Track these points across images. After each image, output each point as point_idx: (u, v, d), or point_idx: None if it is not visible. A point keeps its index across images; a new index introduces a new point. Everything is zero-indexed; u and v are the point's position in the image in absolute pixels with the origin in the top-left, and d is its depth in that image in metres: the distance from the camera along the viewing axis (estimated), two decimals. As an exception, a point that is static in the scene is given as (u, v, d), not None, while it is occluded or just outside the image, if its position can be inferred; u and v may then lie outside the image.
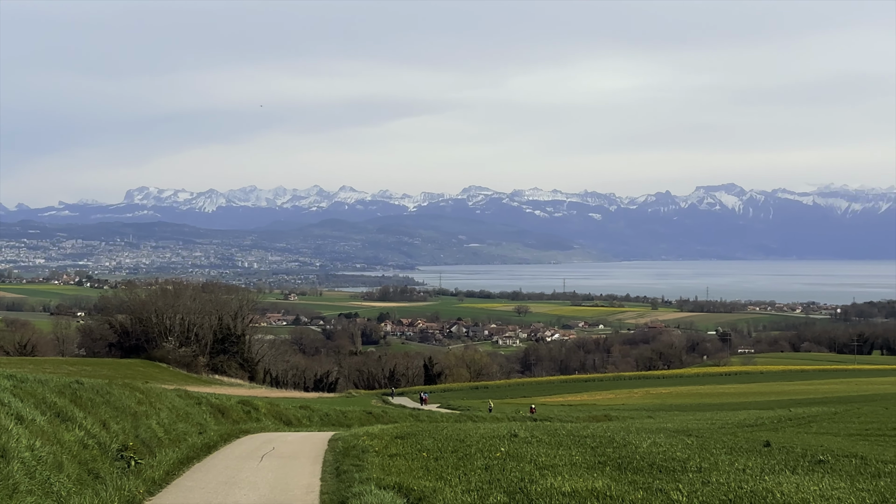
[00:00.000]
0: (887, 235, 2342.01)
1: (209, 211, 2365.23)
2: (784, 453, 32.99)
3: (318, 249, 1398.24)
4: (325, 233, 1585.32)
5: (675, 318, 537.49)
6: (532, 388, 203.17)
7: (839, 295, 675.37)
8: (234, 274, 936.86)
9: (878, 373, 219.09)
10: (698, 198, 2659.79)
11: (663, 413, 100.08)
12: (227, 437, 39.04)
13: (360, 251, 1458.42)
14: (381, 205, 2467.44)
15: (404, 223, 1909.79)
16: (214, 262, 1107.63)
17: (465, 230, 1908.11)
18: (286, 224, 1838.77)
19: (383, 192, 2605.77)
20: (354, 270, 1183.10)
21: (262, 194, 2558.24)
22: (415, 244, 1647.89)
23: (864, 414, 70.19)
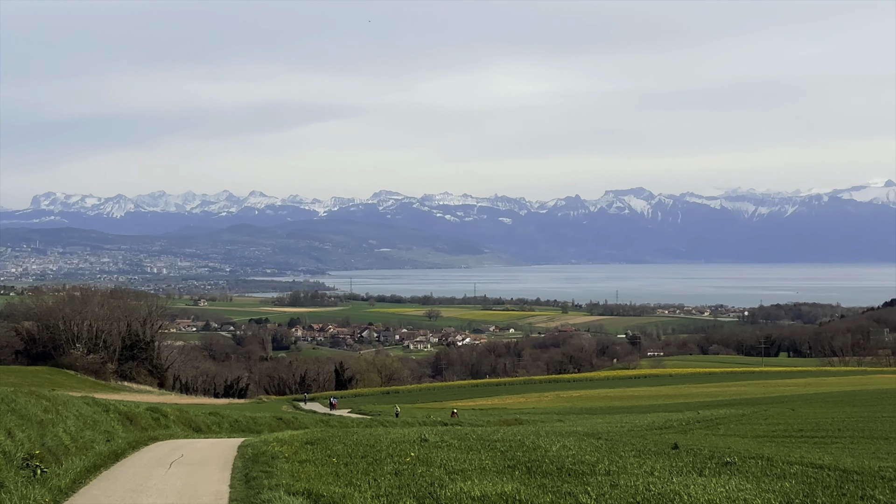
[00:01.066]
0: (793, 238, 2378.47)
1: (118, 216, 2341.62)
2: (692, 455, 33.31)
3: (229, 255, 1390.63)
4: (236, 238, 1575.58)
5: (586, 322, 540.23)
6: (443, 393, 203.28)
7: (747, 298, 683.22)
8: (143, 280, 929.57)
9: (785, 374, 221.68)
10: (608, 202, 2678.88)
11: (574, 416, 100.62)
12: (136, 445, 38.66)
13: (271, 256, 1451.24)
14: (292, 210, 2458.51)
15: (315, 228, 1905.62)
16: (123, 269, 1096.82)
17: (375, 235, 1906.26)
18: (196, 229, 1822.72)
19: (293, 197, 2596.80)
20: (265, 276, 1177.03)
21: (172, 200, 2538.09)
22: (325, 249, 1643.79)
23: (770, 415, 71.05)
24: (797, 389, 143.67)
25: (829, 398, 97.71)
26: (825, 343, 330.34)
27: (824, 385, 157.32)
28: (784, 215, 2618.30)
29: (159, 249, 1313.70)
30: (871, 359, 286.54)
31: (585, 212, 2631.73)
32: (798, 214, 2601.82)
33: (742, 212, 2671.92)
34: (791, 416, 69.46)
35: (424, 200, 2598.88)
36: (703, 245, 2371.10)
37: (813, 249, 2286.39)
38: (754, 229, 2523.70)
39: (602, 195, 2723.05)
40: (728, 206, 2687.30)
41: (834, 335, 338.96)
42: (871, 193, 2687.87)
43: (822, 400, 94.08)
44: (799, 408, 79.64)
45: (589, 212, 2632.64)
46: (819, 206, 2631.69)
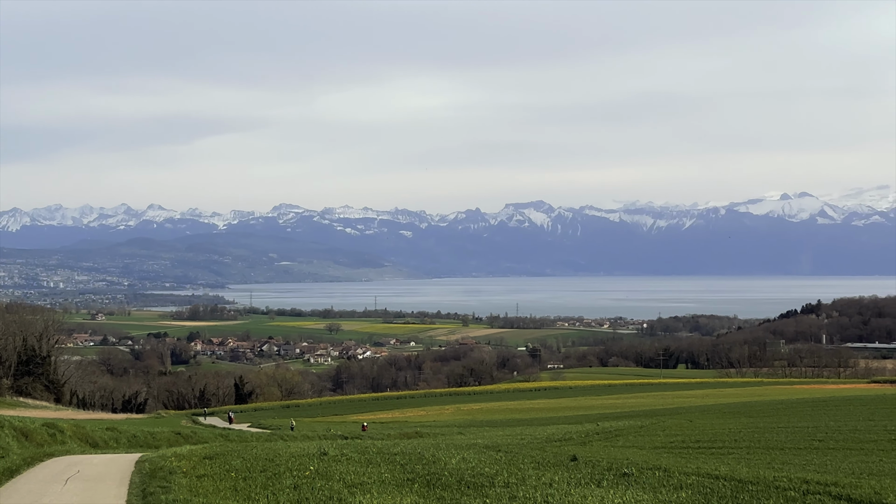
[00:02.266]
0: (691, 251, 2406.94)
1: (13, 230, 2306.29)
2: (590, 467, 33.52)
3: (127, 269, 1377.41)
4: (134, 252, 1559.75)
5: (486, 335, 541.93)
6: (344, 407, 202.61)
7: (645, 310, 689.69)
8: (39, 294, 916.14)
9: (683, 386, 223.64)
10: (508, 215, 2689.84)
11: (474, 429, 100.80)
12: (31, 461, 38.11)
13: (170, 270, 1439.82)
14: (191, 223, 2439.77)
15: (214, 242, 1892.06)
16: (19, 283, 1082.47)
17: (276, 248, 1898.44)
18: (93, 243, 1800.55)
19: (193, 210, 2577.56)
20: (164, 290, 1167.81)
21: (69, 213, 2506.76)
22: (225, 263, 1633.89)
23: (668, 427, 71.69)
24: (695, 401, 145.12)
25: (726, 409, 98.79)
26: (723, 355, 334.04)
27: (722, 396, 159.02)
28: (682, 228, 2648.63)
29: (56, 263, 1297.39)
30: (767, 370, 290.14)
31: (486, 225, 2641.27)
32: (696, 227, 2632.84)
33: (641, 225, 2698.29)
34: (689, 428, 70.16)
35: (325, 214, 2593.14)
36: (603, 258, 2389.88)
37: (711, 262, 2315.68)
38: (653, 242, 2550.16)
39: (502, 208, 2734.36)
40: (627, 219, 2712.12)
41: (731, 347, 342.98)
42: (766, 206, 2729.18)
43: (720, 411, 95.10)
44: (696, 419, 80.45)
45: (489, 225, 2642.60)
46: (716, 219, 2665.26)
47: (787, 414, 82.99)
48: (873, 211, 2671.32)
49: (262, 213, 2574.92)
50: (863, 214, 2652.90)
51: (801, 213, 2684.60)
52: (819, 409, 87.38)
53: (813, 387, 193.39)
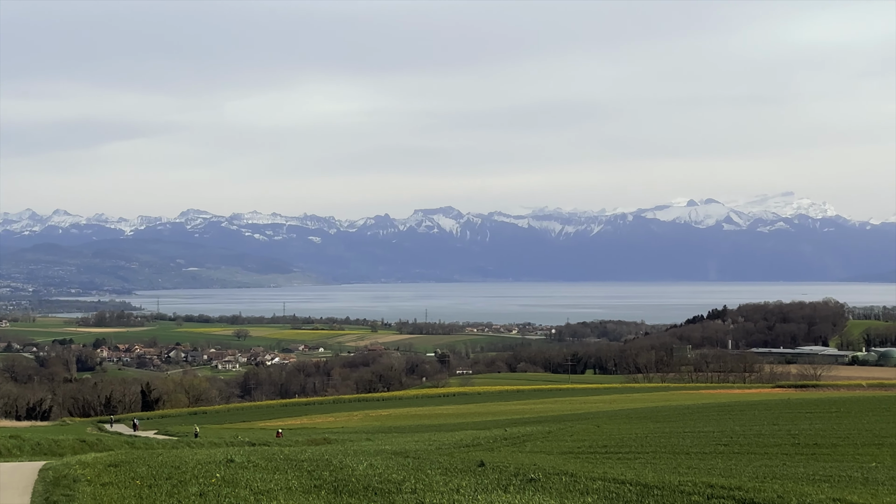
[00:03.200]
0: (599, 257, 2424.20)
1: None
2: (498, 472, 33.59)
3: (31, 275, 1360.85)
4: (39, 257, 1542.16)
5: (395, 341, 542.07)
6: (252, 413, 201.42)
7: (554, 315, 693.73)
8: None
9: (591, 391, 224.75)
10: (417, 221, 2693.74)
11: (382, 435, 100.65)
12: (-70, 471, 37.50)
13: (76, 276, 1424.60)
14: (97, 229, 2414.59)
15: (121, 247, 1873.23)
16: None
17: (183, 254, 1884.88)
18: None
19: (99, 216, 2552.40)
20: (69, 296, 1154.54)
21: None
22: (132, 269, 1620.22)
23: (576, 432, 72.11)
24: (602, 406, 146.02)
25: (633, 414, 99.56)
26: (630, 360, 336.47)
27: (629, 402, 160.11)
28: (590, 234, 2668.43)
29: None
30: (674, 375, 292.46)
31: (395, 231, 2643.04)
32: (604, 233, 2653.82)
33: (549, 231, 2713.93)
34: (596, 433, 70.60)
35: (233, 219, 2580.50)
36: (512, 264, 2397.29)
37: (618, 268, 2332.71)
38: (561, 248, 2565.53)
39: (412, 214, 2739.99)
40: (535, 225, 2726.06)
41: (638, 352, 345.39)
42: (673, 213, 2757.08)
43: (627, 416, 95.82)
44: (604, 424, 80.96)
45: (398, 231, 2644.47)
46: (624, 225, 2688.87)
47: (693, 419, 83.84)
48: (778, 217, 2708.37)
49: (170, 219, 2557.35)
50: (768, 221, 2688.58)
51: (708, 219, 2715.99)
52: (724, 414, 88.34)
53: (719, 392, 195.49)
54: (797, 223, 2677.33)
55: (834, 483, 34.70)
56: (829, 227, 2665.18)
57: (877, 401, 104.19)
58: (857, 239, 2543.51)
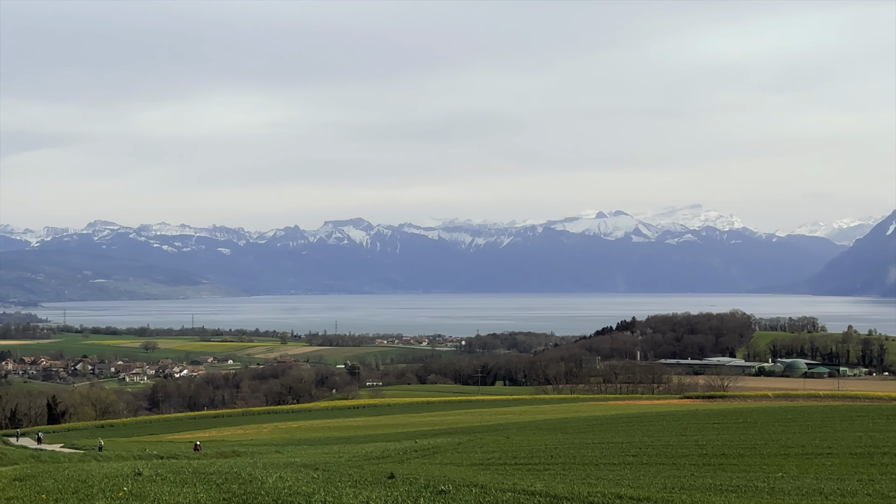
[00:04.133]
0: (509, 269, 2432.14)
1: None
2: (408, 484, 33.51)
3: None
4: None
5: (305, 352, 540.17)
6: (160, 426, 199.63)
7: (464, 327, 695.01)
8: None
9: (501, 403, 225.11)
10: (327, 232, 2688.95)
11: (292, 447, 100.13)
12: None
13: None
14: (2, 240, 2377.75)
15: (26, 259, 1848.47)
16: None
17: (90, 266, 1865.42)
18: None
19: (4, 226, 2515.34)
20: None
21: None
22: (38, 280, 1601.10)
23: (486, 444, 72.18)
24: (512, 417, 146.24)
25: (542, 426, 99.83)
26: (540, 371, 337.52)
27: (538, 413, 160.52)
28: (500, 246, 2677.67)
29: None
30: (583, 386, 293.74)
31: (305, 242, 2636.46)
32: (513, 245, 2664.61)
33: (459, 242, 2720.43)
34: (506, 444, 70.72)
35: (141, 230, 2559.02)
36: (422, 275, 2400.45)
37: (528, 279, 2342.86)
38: (471, 260, 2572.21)
39: (321, 226, 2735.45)
40: (446, 237, 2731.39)
41: (548, 364, 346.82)
42: (583, 225, 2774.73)
43: (537, 427, 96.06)
44: (514, 435, 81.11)
45: (308, 242, 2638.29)
46: (534, 236, 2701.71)
47: (603, 430, 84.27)
48: (686, 229, 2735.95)
49: (77, 230, 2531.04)
50: (676, 233, 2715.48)
51: (617, 231, 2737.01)
52: (633, 425, 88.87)
53: (627, 403, 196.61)
54: (705, 235, 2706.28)
55: (741, 493, 35.04)
56: (736, 240, 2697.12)
57: (782, 411, 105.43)
58: (763, 251, 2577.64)
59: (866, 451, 53.89)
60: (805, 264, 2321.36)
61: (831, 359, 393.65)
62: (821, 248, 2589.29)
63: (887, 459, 50.11)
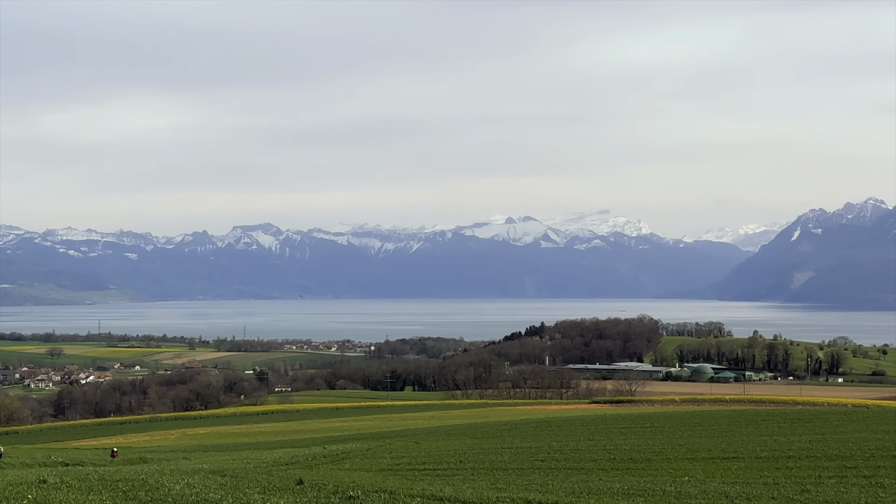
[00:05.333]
0: (419, 274, 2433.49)
1: None
2: (316, 490, 33.44)
3: None
4: None
5: (214, 358, 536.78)
6: (66, 432, 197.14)
7: (373, 333, 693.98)
8: None
9: (410, 408, 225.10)
10: (236, 237, 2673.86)
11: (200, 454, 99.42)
12: None
13: None
14: None
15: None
16: None
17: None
18: None
19: None
20: None
21: None
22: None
23: (395, 449, 72.13)
24: (421, 423, 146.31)
25: (451, 431, 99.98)
26: (449, 376, 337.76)
27: (447, 418, 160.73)
28: (409, 251, 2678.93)
29: None
30: (492, 391, 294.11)
31: (213, 247, 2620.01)
32: (423, 250, 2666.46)
33: (369, 248, 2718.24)
34: (415, 449, 70.71)
35: (47, 235, 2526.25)
36: (331, 280, 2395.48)
37: (438, 285, 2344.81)
38: (381, 265, 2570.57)
39: (230, 231, 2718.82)
40: (355, 242, 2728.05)
41: (457, 369, 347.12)
42: (492, 230, 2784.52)
43: (446, 433, 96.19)
44: (423, 441, 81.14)
45: (217, 247, 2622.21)
46: (443, 242, 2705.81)
47: (511, 435, 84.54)
48: (594, 235, 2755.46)
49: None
50: (584, 238, 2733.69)
51: (526, 236, 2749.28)
52: (542, 430, 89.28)
53: (536, 408, 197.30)
54: (613, 241, 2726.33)
55: (648, 497, 35.33)
56: (643, 245, 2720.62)
57: (689, 416, 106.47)
58: (670, 256, 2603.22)
59: (771, 455, 54.57)
60: (712, 270, 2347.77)
61: (737, 363, 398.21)
62: (727, 253, 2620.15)
63: (791, 463, 50.78)
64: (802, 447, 58.32)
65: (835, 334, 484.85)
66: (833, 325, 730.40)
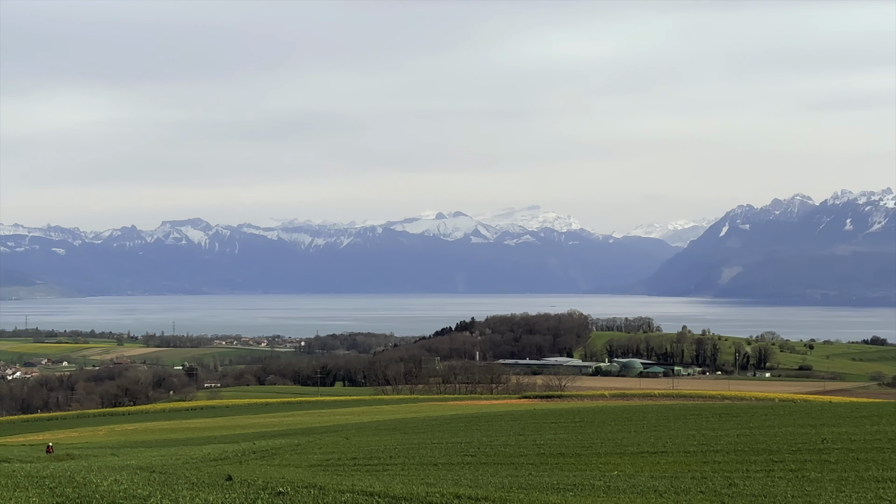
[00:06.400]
0: (349, 269, 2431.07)
1: None
2: (245, 486, 33.32)
3: None
4: None
5: (142, 354, 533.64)
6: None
7: (304, 328, 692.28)
8: None
9: (341, 404, 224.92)
10: (164, 232, 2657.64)
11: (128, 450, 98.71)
12: None
13: None
14: None
15: None
16: None
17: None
18: None
19: None
20: None
21: None
22: None
23: (325, 445, 72.04)
24: (352, 418, 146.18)
25: (382, 426, 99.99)
26: (379, 372, 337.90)
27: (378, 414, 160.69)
28: (340, 247, 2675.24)
29: None
30: (422, 387, 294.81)
31: (142, 242, 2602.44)
32: (353, 246, 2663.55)
33: (299, 243, 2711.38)
34: (345, 445, 70.67)
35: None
36: (261, 276, 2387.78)
37: (369, 280, 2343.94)
38: (311, 261, 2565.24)
39: (159, 226, 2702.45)
40: (285, 238, 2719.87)
41: (387, 364, 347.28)
42: (422, 226, 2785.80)
43: (376, 428, 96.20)
44: (353, 436, 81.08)
45: (146, 242, 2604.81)
46: (374, 237, 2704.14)
47: (441, 430, 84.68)
48: (525, 230, 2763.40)
49: None
50: (514, 234, 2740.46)
51: (456, 232, 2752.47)
52: (472, 425, 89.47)
53: (466, 403, 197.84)
54: (543, 236, 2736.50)
55: (578, 492, 35.51)
56: (573, 241, 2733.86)
57: (618, 410, 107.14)
58: (600, 252, 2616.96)
59: (699, 449, 55.00)
60: (641, 265, 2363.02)
61: (666, 358, 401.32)
62: (656, 249, 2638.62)
63: (719, 457, 51.21)
64: (730, 441, 58.81)
65: (762, 329, 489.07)
66: (760, 321, 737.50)
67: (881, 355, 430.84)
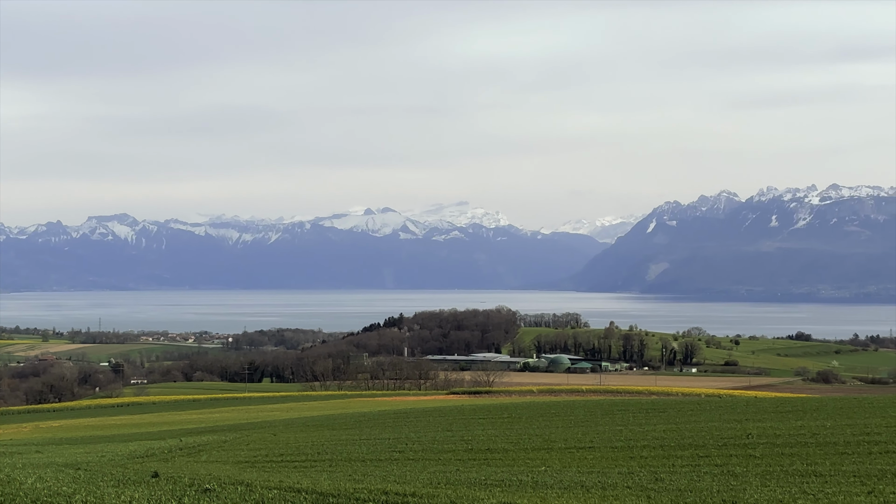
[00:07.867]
0: (277, 265, 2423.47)
1: None
2: (172, 483, 33.13)
3: None
4: None
5: (68, 350, 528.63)
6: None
7: (231, 324, 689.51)
8: None
9: (268, 400, 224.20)
10: (90, 228, 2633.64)
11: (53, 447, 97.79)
12: None
13: None
14: None
15: None
16: None
17: None
18: None
19: None
20: None
21: None
22: None
23: (252, 441, 71.80)
24: (280, 415, 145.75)
25: (309, 423, 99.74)
26: (307, 368, 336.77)
27: (306, 410, 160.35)
28: (268, 242, 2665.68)
29: None
30: (350, 383, 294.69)
31: (68, 238, 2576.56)
32: (281, 241, 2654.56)
33: (226, 238, 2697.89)
34: (273, 441, 70.47)
35: None
36: (188, 272, 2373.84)
37: (297, 276, 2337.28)
38: (239, 256, 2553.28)
39: (85, 221, 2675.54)
40: (213, 233, 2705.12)
41: (316, 360, 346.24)
42: (351, 221, 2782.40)
43: (304, 424, 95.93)
44: (281, 433, 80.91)
45: (71, 238, 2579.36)
46: (302, 233, 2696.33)
47: (370, 426, 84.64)
48: (453, 226, 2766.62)
49: None
50: (443, 230, 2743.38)
51: (385, 227, 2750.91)
52: (400, 421, 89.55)
53: (395, 399, 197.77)
54: (471, 232, 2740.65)
55: (505, 488, 35.61)
56: (502, 237, 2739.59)
57: (546, 406, 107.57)
58: (528, 248, 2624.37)
59: (626, 445, 55.38)
60: (569, 261, 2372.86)
61: (594, 354, 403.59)
62: (584, 245, 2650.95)
63: (646, 452, 51.59)
64: (657, 437, 59.27)
65: (689, 325, 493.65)
66: (687, 316, 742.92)
67: (805, 351, 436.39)
